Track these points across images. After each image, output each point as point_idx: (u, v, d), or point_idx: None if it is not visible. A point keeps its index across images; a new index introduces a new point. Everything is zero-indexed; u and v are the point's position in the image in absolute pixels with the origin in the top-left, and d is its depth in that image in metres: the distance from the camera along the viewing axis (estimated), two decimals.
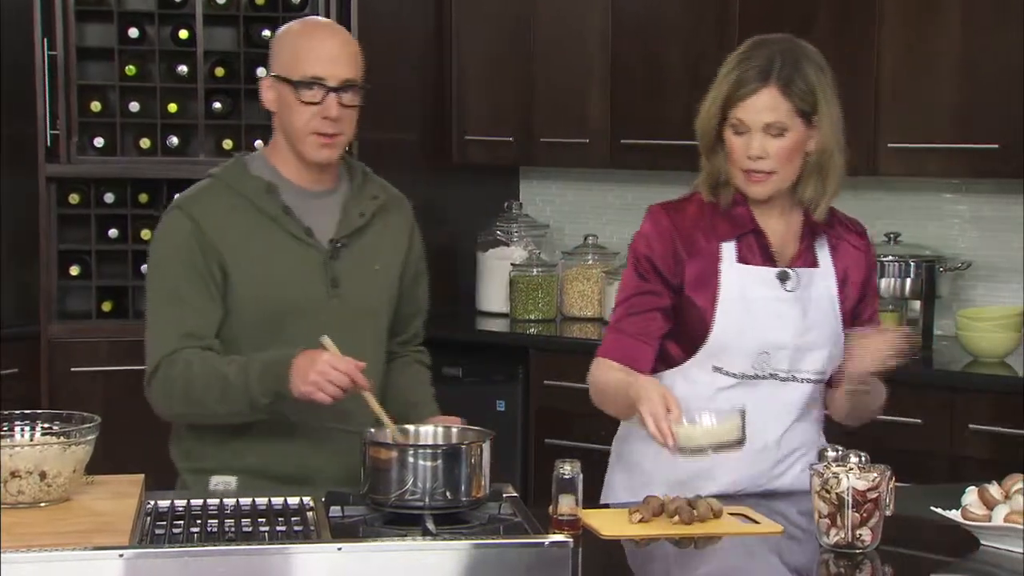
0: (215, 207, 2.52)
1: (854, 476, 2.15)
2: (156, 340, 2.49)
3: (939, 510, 2.29)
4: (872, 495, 2.15)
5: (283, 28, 2.59)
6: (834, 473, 2.17)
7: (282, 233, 2.52)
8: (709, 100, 2.49)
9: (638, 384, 2.37)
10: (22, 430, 2.17)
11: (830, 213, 2.58)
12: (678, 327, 2.52)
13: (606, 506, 2.51)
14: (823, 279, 2.55)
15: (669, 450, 2.28)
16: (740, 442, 2.29)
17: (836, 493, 2.15)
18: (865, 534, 2.16)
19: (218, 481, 2.47)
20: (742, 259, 2.51)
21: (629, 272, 2.56)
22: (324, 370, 2.32)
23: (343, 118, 2.50)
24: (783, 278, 2.52)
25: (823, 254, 2.57)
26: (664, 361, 2.53)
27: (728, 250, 2.51)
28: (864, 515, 2.15)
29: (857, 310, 2.59)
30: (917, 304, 4.09)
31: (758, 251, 2.52)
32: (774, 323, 2.49)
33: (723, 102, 2.45)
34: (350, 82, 2.50)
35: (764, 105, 2.42)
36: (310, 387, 2.33)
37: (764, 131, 2.43)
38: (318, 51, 2.49)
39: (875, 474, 2.16)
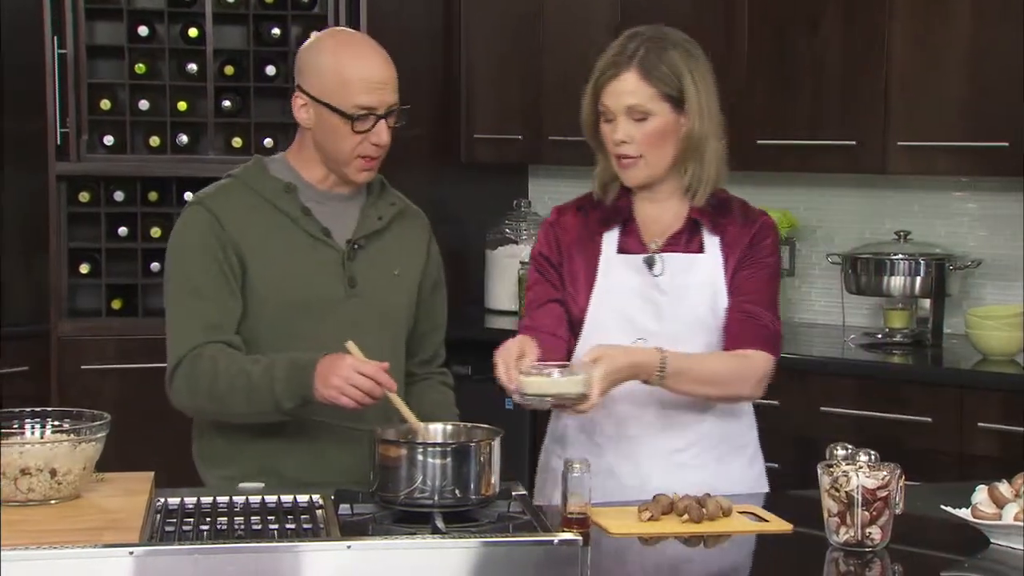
0: (234, 204, 2.52)
1: (863, 474, 2.15)
2: (178, 334, 2.49)
3: (949, 508, 2.29)
4: (882, 493, 2.15)
5: (316, 44, 2.53)
6: (843, 471, 2.16)
7: (300, 233, 2.52)
8: (585, 95, 2.52)
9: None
10: (32, 428, 2.18)
11: (731, 202, 2.57)
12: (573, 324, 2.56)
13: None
14: (705, 267, 2.53)
15: (510, 394, 2.32)
16: (582, 397, 2.29)
17: (846, 491, 2.15)
18: (875, 532, 2.15)
19: (246, 487, 2.47)
20: (622, 249, 2.55)
21: (531, 271, 2.62)
22: (347, 375, 2.32)
23: (389, 138, 2.51)
24: (650, 263, 2.53)
25: (710, 241, 2.55)
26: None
27: (609, 241, 2.55)
28: (874, 513, 2.15)
29: (733, 278, 2.54)
30: (927, 302, 4.08)
31: (633, 240, 2.55)
32: (642, 307, 2.51)
33: (592, 92, 2.50)
34: (396, 106, 2.50)
35: (624, 89, 2.46)
36: (333, 391, 2.33)
37: (628, 115, 2.46)
38: (366, 79, 2.46)
39: (885, 472, 2.16)
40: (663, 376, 2.40)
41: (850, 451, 2.26)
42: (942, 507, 2.31)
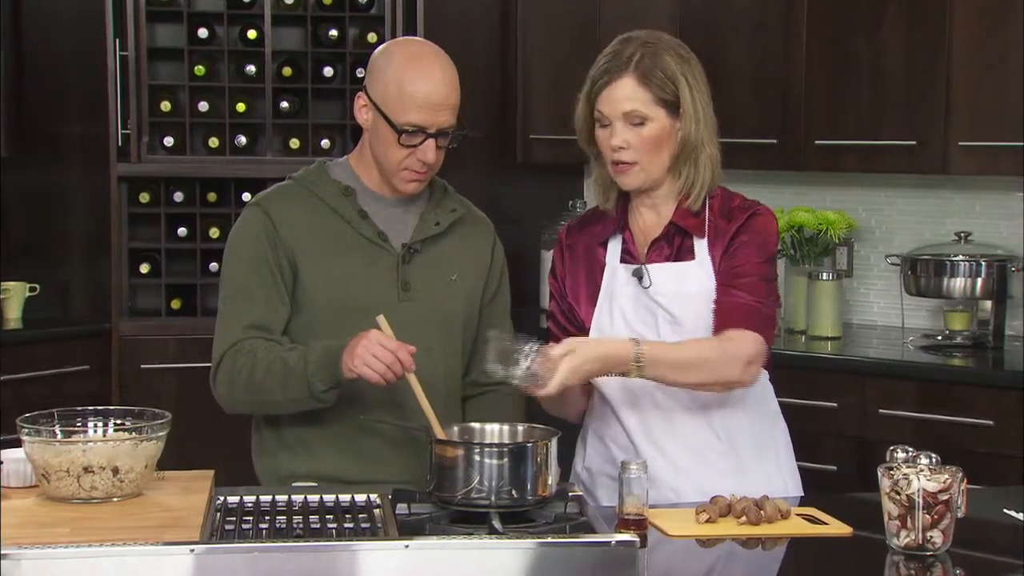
0: (291, 206, 2.54)
1: (924, 477, 2.13)
2: (222, 333, 2.52)
3: (1011, 512, 2.26)
4: (943, 497, 2.12)
5: (387, 51, 2.54)
6: (904, 474, 2.14)
7: (355, 235, 2.53)
8: (579, 101, 2.51)
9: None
10: (95, 426, 2.20)
11: (728, 200, 2.53)
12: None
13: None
14: (697, 272, 2.49)
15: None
16: (533, 379, 2.28)
17: (906, 495, 2.13)
18: (936, 536, 2.13)
19: (299, 487, 2.48)
20: (624, 259, 2.54)
21: (550, 287, 2.63)
22: (369, 345, 2.32)
23: (438, 158, 2.51)
24: (639, 276, 2.51)
25: (699, 245, 2.50)
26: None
27: (612, 252, 2.55)
28: (935, 517, 2.12)
29: (720, 266, 2.49)
30: (988, 304, 4.04)
31: (631, 249, 2.54)
32: (643, 318, 2.49)
33: (587, 99, 2.49)
34: (451, 128, 2.50)
35: (622, 95, 2.45)
36: (357, 361, 2.33)
37: (625, 121, 2.45)
38: (424, 98, 2.45)
39: (946, 475, 2.14)
40: (641, 366, 2.34)
41: (911, 454, 2.24)
42: (1004, 511, 2.29)
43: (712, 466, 2.50)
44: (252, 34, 4.48)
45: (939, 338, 4.09)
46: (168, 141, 4.43)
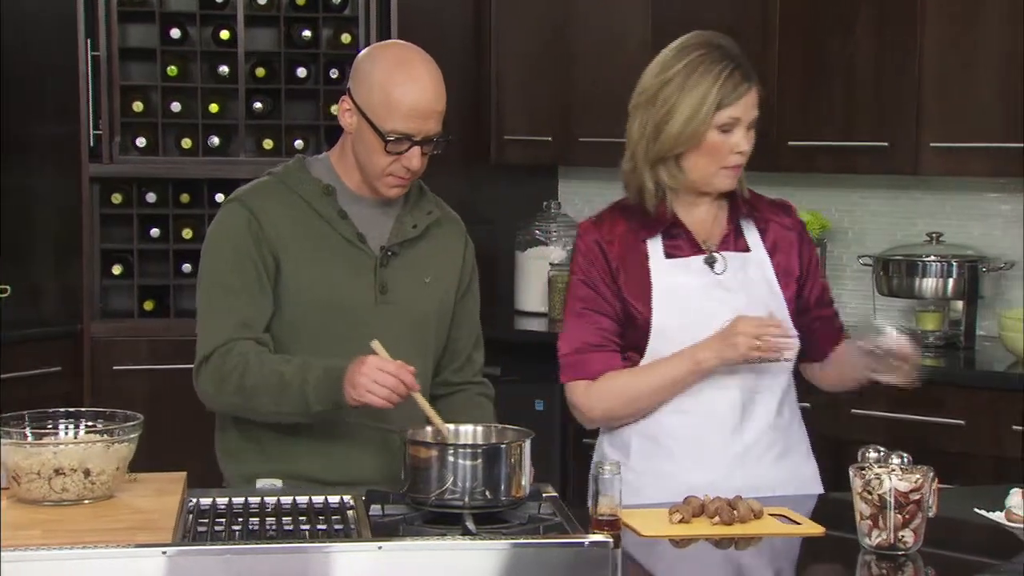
0: (272, 203, 2.53)
1: (896, 477, 2.14)
2: (209, 328, 2.50)
3: (982, 512, 2.28)
4: (915, 496, 2.14)
5: (373, 55, 2.52)
6: (876, 474, 2.15)
7: (335, 236, 2.53)
8: (688, 109, 2.49)
9: (699, 345, 2.49)
10: (66, 428, 2.19)
11: (754, 196, 2.65)
12: (628, 337, 2.56)
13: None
14: (756, 264, 2.59)
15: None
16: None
17: (878, 494, 2.14)
18: (907, 536, 2.14)
19: (264, 483, 2.48)
20: (669, 255, 2.57)
21: (574, 288, 2.61)
22: (372, 374, 2.32)
23: (422, 164, 2.51)
24: (710, 262, 2.56)
25: (753, 239, 2.61)
26: None
27: (654, 248, 2.57)
28: (906, 517, 2.13)
29: (802, 290, 2.62)
30: (960, 304, 4.06)
31: (684, 243, 2.57)
32: (709, 307, 2.52)
33: (715, 104, 2.49)
34: (436, 135, 2.50)
35: (753, 102, 2.53)
36: (360, 391, 2.33)
37: (747, 127, 2.52)
38: (411, 107, 2.44)
39: (918, 475, 2.15)
40: None
41: (883, 454, 2.25)
42: (975, 510, 2.30)
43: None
44: (225, 34, 4.46)
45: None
46: (140, 142, 4.42)
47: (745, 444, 2.54)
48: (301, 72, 4.50)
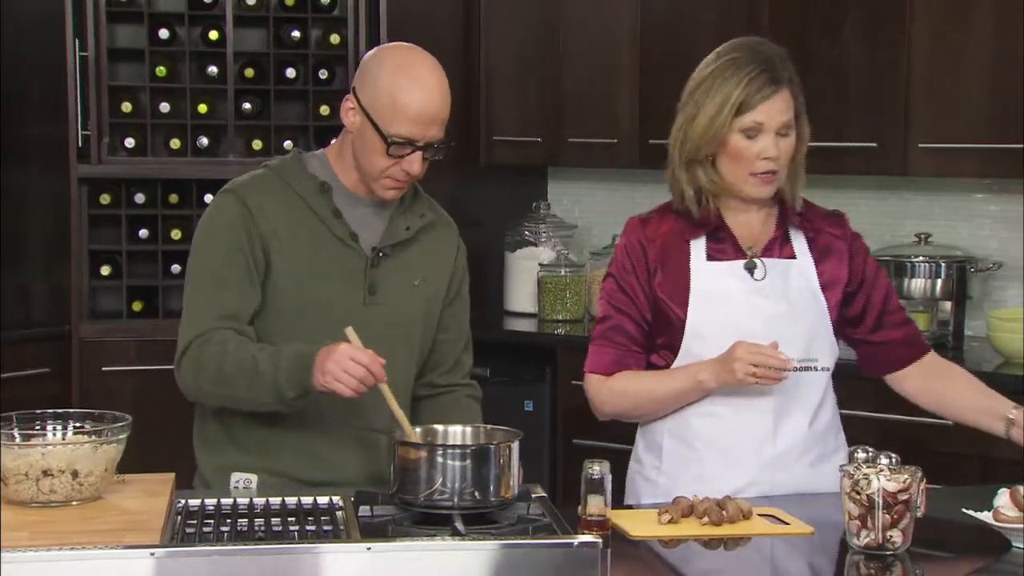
0: (266, 196, 2.52)
1: (884, 477, 2.14)
2: (193, 318, 2.49)
3: (970, 512, 2.28)
4: (903, 497, 2.14)
5: (380, 56, 2.51)
6: (864, 474, 2.16)
7: (327, 234, 2.52)
8: (712, 110, 2.49)
9: (701, 365, 2.49)
10: (54, 429, 2.18)
11: (808, 207, 2.64)
12: (659, 337, 2.57)
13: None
14: (800, 271, 2.58)
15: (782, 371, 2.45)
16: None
17: (866, 494, 2.14)
18: (896, 536, 2.15)
19: (239, 478, 2.47)
20: (711, 257, 2.56)
21: (610, 284, 2.61)
22: (340, 359, 2.30)
23: (423, 169, 2.50)
24: (750, 268, 2.56)
25: (800, 246, 2.60)
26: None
27: (697, 250, 2.57)
28: (895, 517, 2.14)
29: (854, 298, 2.62)
30: (948, 305, 4.07)
31: (727, 247, 2.57)
32: (745, 311, 2.52)
33: (736, 108, 2.48)
34: (438, 141, 2.50)
35: (781, 107, 2.50)
36: (328, 377, 2.31)
37: (775, 132, 2.50)
38: (416, 112, 2.44)
39: (906, 475, 2.15)
40: None
41: (871, 454, 2.26)
42: (963, 510, 2.30)
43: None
44: (214, 35, 4.46)
45: None
46: (129, 142, 4.41)
47: (776, 453, 2.54)
48: (290, 73, 4.50)
